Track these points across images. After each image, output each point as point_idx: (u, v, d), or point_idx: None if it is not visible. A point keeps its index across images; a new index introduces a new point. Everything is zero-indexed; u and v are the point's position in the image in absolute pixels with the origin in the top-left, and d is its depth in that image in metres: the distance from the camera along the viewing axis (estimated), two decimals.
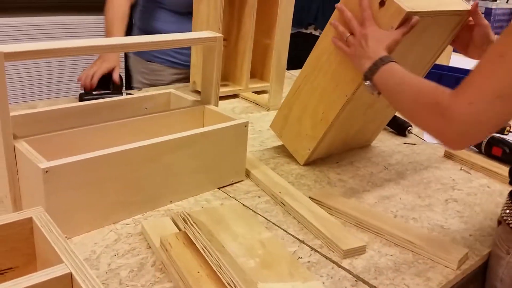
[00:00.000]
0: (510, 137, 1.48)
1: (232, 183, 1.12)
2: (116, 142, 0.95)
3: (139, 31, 1.91)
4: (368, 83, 0.98)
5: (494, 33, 1.10)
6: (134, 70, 1.98)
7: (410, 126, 1.51)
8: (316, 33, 2.40)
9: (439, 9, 1.04)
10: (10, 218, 0.64)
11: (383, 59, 0.95)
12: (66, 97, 1.67)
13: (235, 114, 1.60)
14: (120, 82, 1.58)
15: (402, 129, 1.52)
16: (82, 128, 1.03)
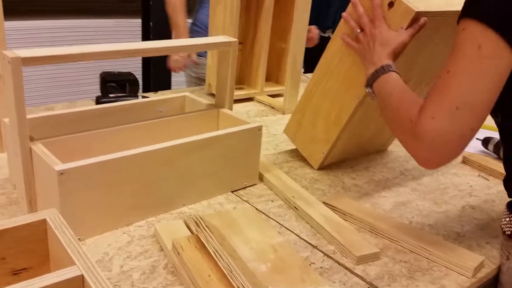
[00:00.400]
0: None
1: (245, 187, 1.12)
2: (131, 145, 0.96)
3: (196, 26, 2.15)
4: (368, 90, 0.99)
5: None
6: None
7: None
8: None
9: (449, 9, 1.02)
10: (25, 219, 0.65)
11: (384, 68, 0.95)
12: (84, 99, 1.69)
13: (250, 117, 1.60)
14: (136, 85, 1.60)
15: None
16: (97, 130, 1.04)
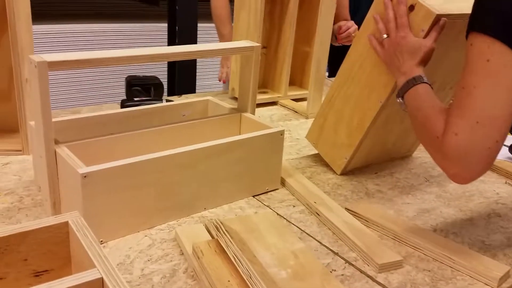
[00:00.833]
0: None
1: (267, 192, 1.12)
2: (154, 148, 0.96)
3: None
4: (399, 100, 0.98)
5: None
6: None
7: None
8: None
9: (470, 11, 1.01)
10: (48, 221, 0.66)
11: (416, 79, 0.95)
12: (110, 102, 1.72)
13: (273, 121, 1.60)
14: (160, 89, 1.61)
15: None
16: (121, 134, 1.05)
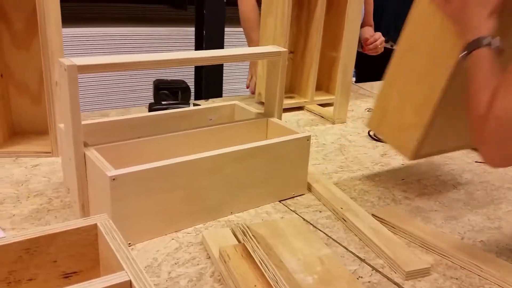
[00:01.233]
0: None
1: (293, 197, 1.12)
2: (181, 152, 0.97)
3: None
4: (464, 55, 0.89)
5: None
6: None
7: None
8: (387, 45, 2.35)
9: None
10: (77, 224, 0.66)
11: (480, 41, 0.86)
12: (138, 105, 1.74)
13: (300, 126, 1.60)
14: (188, 93, 1.63)
15: None
16: (149, 137, 1.06)
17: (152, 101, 1.59)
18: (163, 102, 1.54)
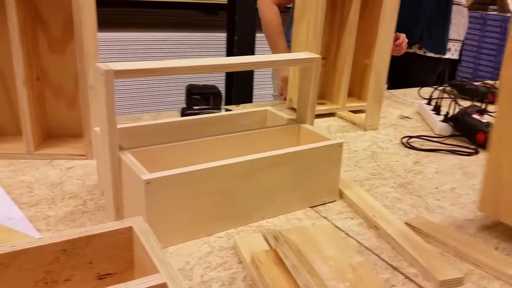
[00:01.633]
0: None
1: (324, 203, 1.11)
2: (213, 157, 0.98)
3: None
4: None
5: None
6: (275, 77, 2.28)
7: None
8: (420, 52, 2.32)
9: None
10: (112, 226, 0.68)
11: None
12: (170, 110, 1.76)
13: (331, 133, 1.59)
14: (219, 98, 1.64)
15: None
16: (181, 142, 1.07)
17: (183, 105, 1.60)
18: (195, 107, 1.55)
